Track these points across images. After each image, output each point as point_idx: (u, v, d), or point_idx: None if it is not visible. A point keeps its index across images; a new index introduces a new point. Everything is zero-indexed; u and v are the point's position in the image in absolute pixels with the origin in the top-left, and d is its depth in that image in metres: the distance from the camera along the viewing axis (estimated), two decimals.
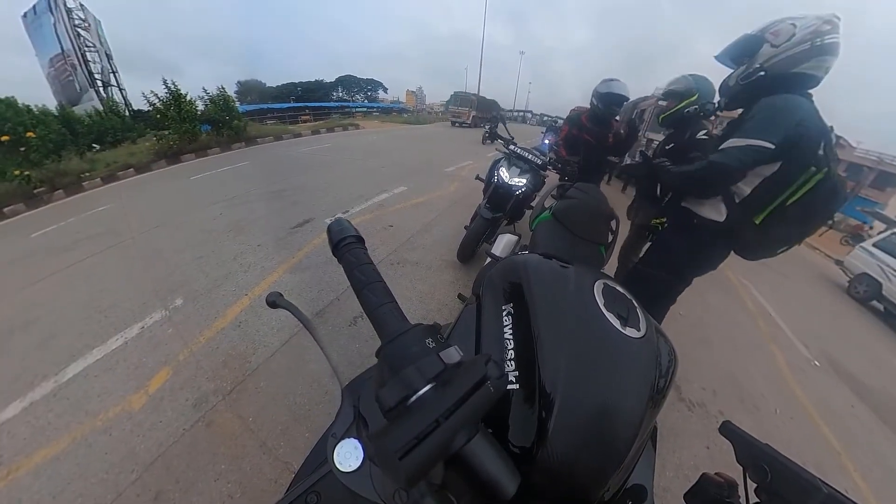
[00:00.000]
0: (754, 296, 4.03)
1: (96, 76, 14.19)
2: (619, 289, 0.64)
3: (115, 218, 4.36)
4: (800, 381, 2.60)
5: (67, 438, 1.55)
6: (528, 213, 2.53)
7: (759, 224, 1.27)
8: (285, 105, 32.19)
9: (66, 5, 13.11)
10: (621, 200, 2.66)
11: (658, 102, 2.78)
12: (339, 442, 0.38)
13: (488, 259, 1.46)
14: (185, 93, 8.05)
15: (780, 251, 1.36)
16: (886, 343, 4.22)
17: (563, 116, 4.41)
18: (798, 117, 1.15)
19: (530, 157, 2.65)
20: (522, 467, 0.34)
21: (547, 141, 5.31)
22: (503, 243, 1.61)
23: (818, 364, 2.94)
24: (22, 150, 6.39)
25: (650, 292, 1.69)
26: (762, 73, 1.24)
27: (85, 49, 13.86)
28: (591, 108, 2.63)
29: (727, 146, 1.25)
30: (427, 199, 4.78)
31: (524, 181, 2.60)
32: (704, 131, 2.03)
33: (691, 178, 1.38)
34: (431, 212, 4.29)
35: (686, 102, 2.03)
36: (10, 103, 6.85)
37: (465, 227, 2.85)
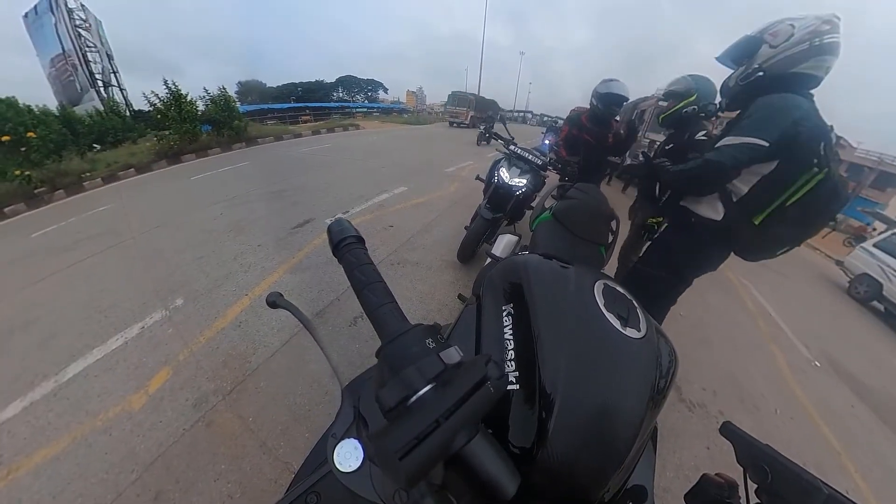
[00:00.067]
0: (754, 296, 4.03)
1: (97, 76, 14.21)
2: (620, 289, 0.64)
3: (116, 218, 4.36)
4: (800, 382, 2.60)
5: (67, 438, 1.55)
6: (529, 213, 2.53)
7: (759, 225, 1.26)
8: (286, 105, 32.19)
9: (67, 5, 13.13)
10: (622, 201, 2.66)
11: (658, 103, 2.78)
12: (339, 442, 0.38)
13: (488, 259, 1.46)
14: (185, 93, 8.06)
15: (780, 252, 1.35)
16: (887, 343, 4.21)
17: (563, 117, 4.41)
18: (794, 116, 1.15)
19: (530, 157, 2.65)
20: (522, 468, 0.34)
21: (547, 141, 5.31)
22: (503, 244, 1.61)
23: (818, 364, 2.94)
24: (23, 150, 6.40)
25: (650, 292, 1.69)
26: (761, 73, 1.25)
27: (86, 49, 13.88)
28: (591, 108, 2.64)
29: (722, 144, 1.26)
30: (427, 200, 4.78)
31: (524, 181, 2.60)
32: (704, 132, 2.05)
33: (687, 177, 1.38)
34: (432, 212, 4.29)
35: (685, 103, 2.05)
36: (10, 103, 6.86)
37: (466, 228, 2.85)
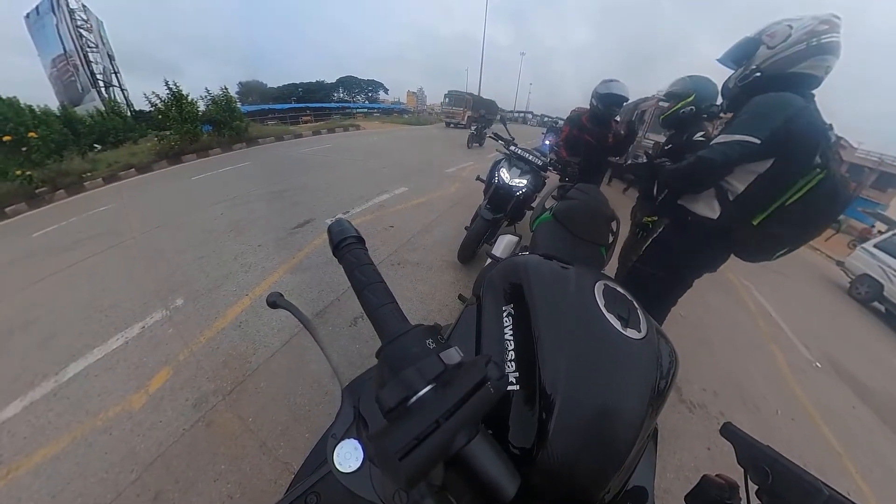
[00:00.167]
0: (755, 297, 4.02)
1: (98, 76, 14.21)
2: (620, 290, 0.64)
3: (117, 218, 4.37)
4: (800, 382, 2.60)
5: (67, 438, 1.55)
6: (529, 213, 2.53)
7: (757, 225, 1.25)
8: (286, 106, 32.26)
9: (68, 6, 13.14)
10: (623, 201, 2.66)
11: (659, 104, 2.80)
12: (338, 442, 0.38)
13: (489, 260, 1.46)
14: (186, 93, 8.07)
15: (779, 254, 1.33)
16: (887, 344, 4.20)
17: (563, 117, 4.42)
18: (786, 114, 1.14)
19: (531, 157, 2.65)
20: (522, 468, 0.34)
21: (547, 142, 5.31)
22: (504, 244, 1.61)
23: (819, 365, 2.93)
24: (24, 150, 6.41)
25: (649, 292, 1.69)
26: (758, 74, 1.25)
27: (87, 49, 13.88)
28: (591, 108, 2.65)
29: (715, 142, 1.29)
30: (428, 200, 4.78)
31: (525, 182, 2.60)
32: (702, 132, 2.07)
33: (681, 174, 1.40)
34: (432, 212, 4.29)
35: (682, 104, 2.08)
36: (11, 103, 6.88)
37: (466, 228, 2.85)
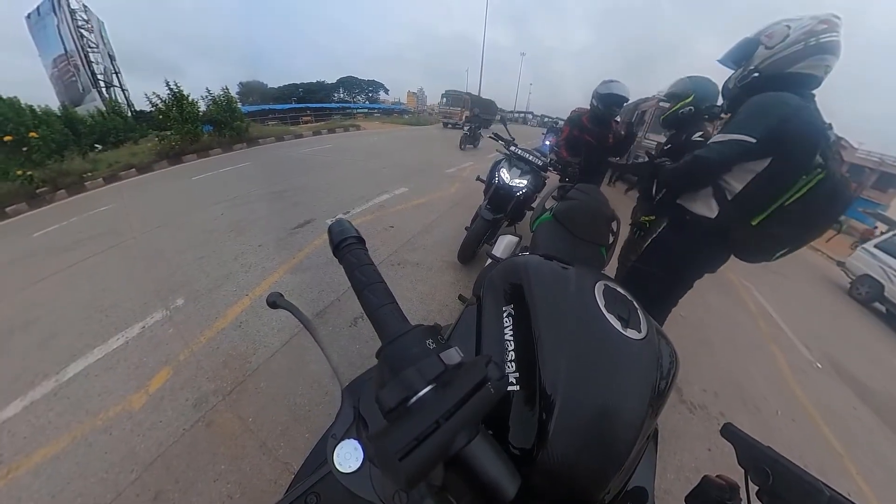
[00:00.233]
0: (756, 297, 4.02)
1: (99, 77, 14.22)
2: (620, 290, 0.64)
3: (117, 218, 4.37)
4: (801, 383, 2.59)
5: (67, 438, 1.55)
6: (529, 214, 2.53)
7: (756, 225, 1.25)
8: (287, 106, 32.28)
9: (69, 6, 13.15)
10: (624, 202, 2.66)
11: (660, 104, 2.81)
12: (338, 443, 0.38)
13: (489, 260, 1.46)
14: (187, 93, 8.08)
15: (779, 255, 1.33)
16: (888, 344, 4.20)
17: (563, 118, 4.42)
18: (782, 113, 1.14)
19: (531, 158, 2.65)
20: (523, 469, 0.34)
21: (548, 142, 5.32)
22: (504, 244, 1.61)
23: (820, 366, 2.93)
24: (25, 150, 6.42)
25: (649, 292, 1.69)
26: (756, 74, 1.26)
27: (88, 50, 13.89)
28: (592, 108, 2.65)
29: (711, 141, 1.31)
30: (428, 200, 4.79)
31: (525, 182, 2.60)
32: (700, 132, 2.09)
33: (679, 173, 1.41)
34: (432, 213, 4.29)
35: (681, 104, 2.10)
36: (12, 103, 6.88)
37: (466, 229, 2.85)
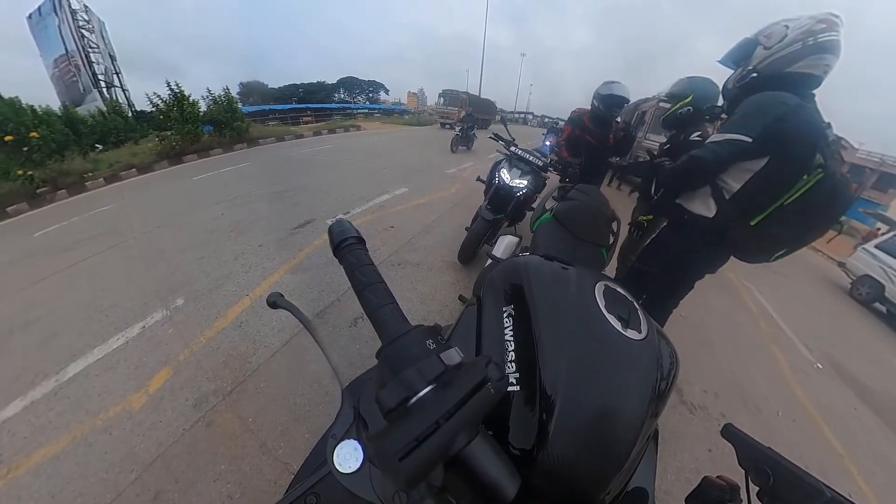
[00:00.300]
0: (756, 298, 4.01)
1: (100, 77, 14.24)
2: (621, 290, 0.64)
3: (118, 218, 4.38)
4: (801, 383, 2.59)
5: (67, 437, 1.55)
6: (529, 214, 2.53)
7: (755, 225, 1.25)
8: (287, 106, 32.29)
9: (70, 7, 13.17)
10: (626, 202, 2.66)
11: (660, 105, 2.82)
12: (338, 443, 0.38)
13: (489, 261, 1.46)
14: (188, 94, 8.08)
15: (778, 255, 1.32)
16: (888, 345, 4.19)
17: (563, 118, 4.43)
18: (778, 112, 1.14)
19: (531, 158, 2.65)
20: (523, 469, 0.34)
21: (548, 142, 5.32)
22: (504, 245, 1.60)
23: (820, 366, 2.93)
24: (25, 150, 6.42)
25: (649, 292, 1.69)
26: (754, 74, 1.27)
27: (89, 50, 13.91)
28: (593, 109, 2.65)
29: (708, 141, 1.32)
30: (428, 201, 4.79)
31: (525, 182, 2.60)
32: (698, 132, 2.11)
33: (676, 173, 1.42)
34: (432, 213, 4.29)
35: (680, 104, 2.12)
36: (13, 103, 6.89)
37: (466, 229, 2.85)
